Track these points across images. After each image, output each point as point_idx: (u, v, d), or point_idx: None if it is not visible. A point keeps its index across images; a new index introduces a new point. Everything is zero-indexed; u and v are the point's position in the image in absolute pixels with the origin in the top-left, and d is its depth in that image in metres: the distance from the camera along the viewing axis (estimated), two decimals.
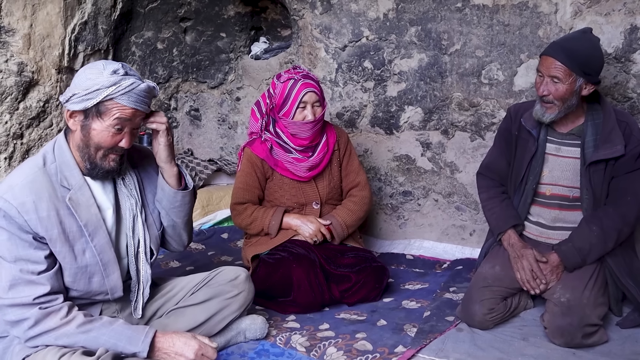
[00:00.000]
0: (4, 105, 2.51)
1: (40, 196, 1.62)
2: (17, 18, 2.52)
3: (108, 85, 1.59)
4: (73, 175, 1.68)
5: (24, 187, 1.61)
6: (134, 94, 1.62)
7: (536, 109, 2.16)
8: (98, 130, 1.64)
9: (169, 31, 3.59)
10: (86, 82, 1.61)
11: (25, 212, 1.59)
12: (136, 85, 1.62)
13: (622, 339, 2.08)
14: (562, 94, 2.06)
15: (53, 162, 1.68)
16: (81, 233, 1.68)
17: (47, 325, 1.59)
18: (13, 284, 1.59)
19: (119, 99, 1.61)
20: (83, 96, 1.60)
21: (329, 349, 2.04)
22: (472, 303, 2.15)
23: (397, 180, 3.29)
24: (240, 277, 2.03)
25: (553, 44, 2.12)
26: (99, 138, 1.65)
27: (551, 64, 2.06)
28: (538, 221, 2.29)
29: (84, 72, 1.64)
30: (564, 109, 2.10)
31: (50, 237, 1.63)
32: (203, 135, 3.93)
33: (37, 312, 1.58)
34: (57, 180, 1.66)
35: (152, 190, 1.89)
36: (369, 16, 3.15)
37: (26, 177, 1.63)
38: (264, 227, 2.52)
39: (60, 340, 1.60)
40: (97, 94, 1.59)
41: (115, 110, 1.62)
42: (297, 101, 2.43)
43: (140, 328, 1.71)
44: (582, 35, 2.13)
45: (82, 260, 1.69)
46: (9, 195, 1.59)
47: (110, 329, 1.65)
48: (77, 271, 1.69)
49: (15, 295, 1.58)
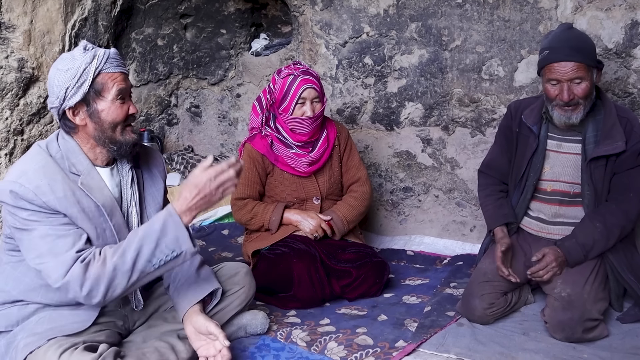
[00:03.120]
0: (5, 101, 2.51)
1: (54, 178, 1.61)
2: (17, 14, 2.52)
3: (90, 60, 1.61)
4: (80, 162, 1.68)
5: (37, 171, 1.60)
6: (112, 59, 1.65)
7: (557, 116, 2.10)
8: (106, 108, 1.65)
9: (169, 28, 3.59)
10: (67, 74, 1.61)
11: (42, 194, 1.58)
12: (108, 52, 1.65)
13: (623, 334, 2.08)
14: (587, 91, 2.05)
15: (58, 151, 1.68)
16: (99, 212, 1.68)
17: (92, 277, 1.54)
18: (52, 246, 1.55)
19: (106, 69, 1.63)
20: (76, 84, 1.60)
21: (330, 343, 2.04)
22: (473, 298, 2.16)
23: (398, 177, 3.29)
24: (240, 272, 2.03)
25: (557, 49, 2.05)
26: (111, 116, 1.65)
27: (569, 67, 2.02)
28: (538, 217, 2.29)
29: (57, 70, 1.63)
30: (588, 105, 2.09)
31: (71, 214, 1.61)
32: (203, 132, 3.93)
33: (78, 269, 1.54)
34: (65, 167, 1.66)
35: (153, 192, 1.89)
36: (370, 12, 3.15)
37: (37, 162, 1.63)
38: (265, 222, 2.52)
39: (114, 282, 1.55)
40: (87, 73, 1.60)
41: (109, 81, 1.64)
42: (297, 97, 2.43)
43: (169, 219, 1.57)
44: (573, 30, 2.13)
45: (104, 239, 1.68)
46: (23, 179, 1.58)
47: (138, 235, 1.57)
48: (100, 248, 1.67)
49: (58, 257, 1.54)
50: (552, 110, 2.12)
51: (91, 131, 1.67)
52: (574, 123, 2.10)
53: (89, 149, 1.71)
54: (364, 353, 1.98)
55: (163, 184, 1.94)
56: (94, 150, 1.72)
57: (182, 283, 1.86)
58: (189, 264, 1.89)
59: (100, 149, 1.72)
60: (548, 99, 2.12)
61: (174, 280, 1.88)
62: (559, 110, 2.10)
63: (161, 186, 1.93)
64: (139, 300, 1.86)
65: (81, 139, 1.70)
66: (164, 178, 1.96)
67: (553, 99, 2.09)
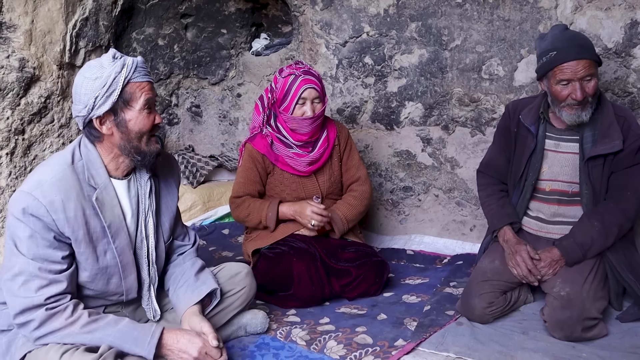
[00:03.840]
0: (6, 101, 2.52)
1: (69, 195, 1.61)
2: (18, 14, 2.53)
3: (119, 70, 1.59)
4: (99, 174, 1.68)
5: (53, 185, 1.59)
6: (140, 69, 1.64)
7: (566, 115, 2.09)
8: (133, 118, 1.63)
9: (170, 27, 3.60)
10: (96, 82, 1.59)
11: (54, 212, 1.57)
12: (136, 60, 1.64)
13: (622, 333, 2.08)
14: (596, 88, 2.06)
15: (80, 160, 1.67)
16: (104, 234, 1.68)
17: (52, 326, 1.58)
18: (27, 280, 1.57)
19: (135, 78, 1.62)
20: (105, 93, 1.59)
21: (329, 342, 2.05)
22: (472, 297, 2.16)
23: (398, 176, 3.30)
24: (241, 273, 2.04)
25: (566, 48, 2.03)
26: (138, 126, 1.64)
27: (581, 66, 2.01)
28: (537, 216, 2.30)
29: (85, 78, 1.61)
30: (594, 102, 2.10)
31: (76, 237, 1.62)
32: (204, 132, 3.93)
33: (42, 313, 1.57)
34: (84, 179, 1.65)
35: (168, 202, 1.89)
36: (370, 12, 3.15)
37: (55, 174, 1.61)
38: (262, 219, 2.52)
39: (66, 339, 1.60)
40: (117, 82, 1.59)
41: (138, 90, 1.63)
42: (297, 97, 2.44)
43: (147, 328, 1.69)
44: (571, 30, 2.14)
45: (103, 261, 1.69)
46: (37, 192, 1.57)
47: (116, 329, 1.63)
48: (98, 272, 1.69)
49: (27, 294, 1.57)
50: (560, 111, 2.10)
51: (117, 140, 1.66)
52: (584, 121, 2.09)
53: (112, 158, 1.70)
54: (363, 352, 1.98)
55: (177, 192, 1.95)
56: (116, 160, 1.71)
57: (181, 286, 1.88)
58: (190, 266, 1.91)
59: (123, 159, 1.70)
60: (556, 100, 2.10)
61: (174, 283, 1.90)
62: (568, 110, 2.08)
63: (175, 195, 1.93)
64: (156, 311, 1.87)
65: (105, 148, 1.69)
66: (178, 186, 1.96)
67: (563, 100, 2.07)
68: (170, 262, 1.97)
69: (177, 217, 1.97)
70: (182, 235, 2.00)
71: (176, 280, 1.90)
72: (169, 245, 1.93)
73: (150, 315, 1.86)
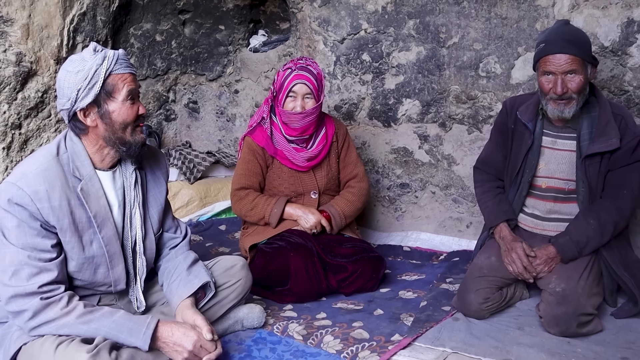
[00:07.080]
0: (2, 95, 2.51)
1: (53, 185, 1.63)
2: (15, 8, 2.52)
3: (100, 62, 1.62)
4: (84, 166, 1.69)
5: (37, 175, 1.61)
6: (122, 60, 1.67)
7: (550, 110, 2.12)
8: (117, 109, 1.66)
9: (168, 23, 3.59)
10: (78, 76, 1.62)
11: (38, 200, 1.59)
12: (117, 53, 1.67)
13: (616, 329, 2.10)
14: (580, 85, 2.06)
15: (65, 152, 1.69)
16: (90, 224, 1.70)
17: (47, 316, 1.59)
18: (17, 269, 1.58)
19: (116, 70, 1.64)
20: (87, 85, 1.61)
21: (326, 337, 2.05)
22: (468, 292, 2.17)
23: (395, 173, 3.31)
24: (236, 266, 2.05)
25: (553, 41, 2.07)
26: (121, 117, 1.67)
27: (564, 60, 2.03)
28: (533, 213, 2.31)
29: (68, 72, 1.64)
30: (581, 100, 2.10)
31: (61, 226, 1.64)
32: (201, 128, 3.93)
33: (37, 302, 1.58)
34: (69, 170, 1.67)
35: (156, 194, 1.90)
36: (368, 9, 3.16)
37: (40, 165, 1.64)
38: (265, 214, 2.53)
39: (61, 330, 1.61)
40: (98, 75, 1.62)
41: (120, 82, 1.65)
42: (287, 90, 2.47)
43: (142, 319, 1.70)
44: (569, 26, 2.14)
45: (89, 251, 1.71)
46: (22, 182, 1.60)
47: (111, 320, 1.65)
48: (84, 261, 1.70)
49: (19, 283, 1.58)
50: (546, 105, 2.13)
51: (102, 132, 1.68)
52: (567, 117, 2.12)
53: (97, 150, 1.72)
54: (359, 347, 1.99)
55: (165, 185, 1.96)
56: (101, 151, 1.72)
57: (174, 280, 1.89)
58: (182, 260, 1.92)
59: (109, 150, 1.72)
60: (542, 93, 2.13)
61: (167, 277, 1.91)
62: (552, 104, 2.11)
63: (163, 187, 1.94)
64: (141, 302, 1.87)
65: (90, 140, 1.71)
66: (166, 179, 1.97)
67: (547, 93, 2.10)
68: (162, 256, 1.98)
69: (167, 210, 1.98)
70: (172, 228, 2.00)
71: (169, 275, 1.91)
72: (159, 238, 1.94)
73: (135, 306, 1.87)
